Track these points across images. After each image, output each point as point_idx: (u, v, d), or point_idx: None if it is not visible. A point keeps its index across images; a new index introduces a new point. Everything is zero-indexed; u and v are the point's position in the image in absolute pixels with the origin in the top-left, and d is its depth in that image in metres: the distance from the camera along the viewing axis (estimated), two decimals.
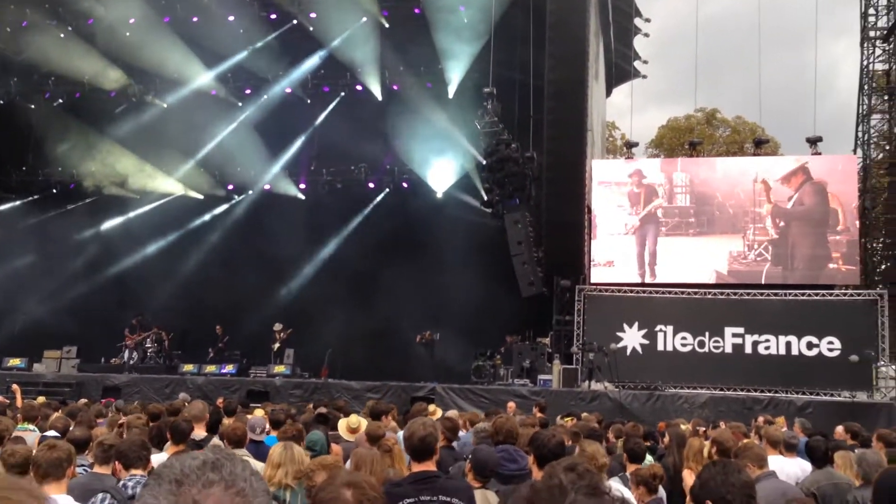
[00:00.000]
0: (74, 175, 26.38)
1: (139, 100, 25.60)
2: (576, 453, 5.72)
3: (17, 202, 26.89)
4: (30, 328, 23.46)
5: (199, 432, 7.63)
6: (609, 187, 20.58)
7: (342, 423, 8.14)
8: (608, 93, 28.17)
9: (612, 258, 20.38)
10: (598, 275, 20.43)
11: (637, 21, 25.18)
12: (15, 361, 20.82)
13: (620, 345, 19.37)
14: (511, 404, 14.15)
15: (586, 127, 19.56)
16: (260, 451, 6.76)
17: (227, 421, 7.88)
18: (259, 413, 9.31)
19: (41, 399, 12.91)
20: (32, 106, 26.33)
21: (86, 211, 26.42)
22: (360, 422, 7.70)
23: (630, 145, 22.42)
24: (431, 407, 10.88)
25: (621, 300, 20.05)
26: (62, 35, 24.55)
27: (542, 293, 19.81)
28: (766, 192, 19.96)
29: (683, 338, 19.53)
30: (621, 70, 26.91)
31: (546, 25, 19.08)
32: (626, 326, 19.64)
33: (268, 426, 7.81)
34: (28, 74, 25.79)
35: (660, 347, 19.55)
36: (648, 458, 7.78)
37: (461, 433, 7.94)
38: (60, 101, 26.19)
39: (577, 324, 19.71)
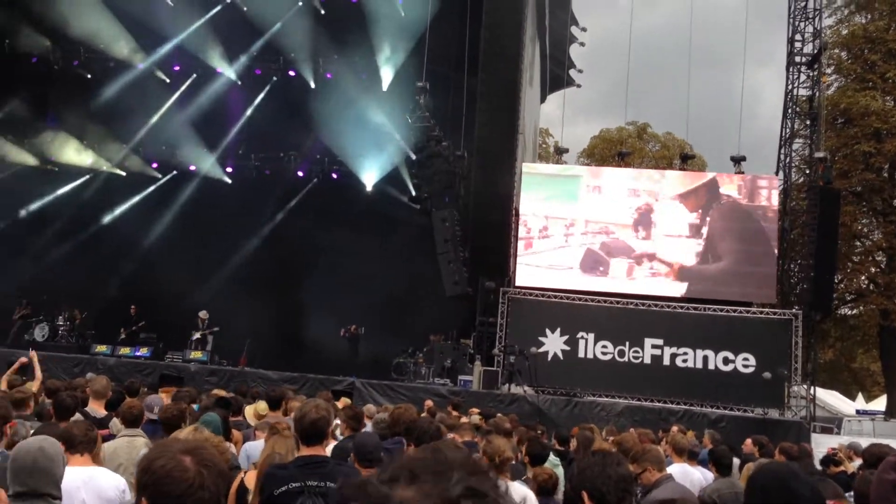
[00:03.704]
0: None
1: (62, 68, 24.74)
2: (481, 446, 5.67)
3: None
4: None
5: (100, 410, 7.36)
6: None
7: (249, 409, 7.94)
8: (542, 99, 28.38)
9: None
10: (529, 275, 20.46)
11: (573, 30, 25.41)
12: None
13: (542, 349, 19.45)
14: (428, 402, 14.07)
15: (518, 129, 19.63)
16: (157, 432, 6.53)
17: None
18: (163, 395, 8.99)
19: None
20: None
21: (4, 183, 25.39)
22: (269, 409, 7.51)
23: (561, 151, 22.59)
24: (344, 400, 10.73)
25: (545, 305, 20.14)
26: None
27: (467, 293, 19.79)
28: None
29: (604, 346, 19.70)
30: (556, 77, 27.13)
31: (482, 25, 19.07)
32: (548, 331, 19.73)
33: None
34: None
35: (580, 354, 19.69)
36: (553, 460, 7.79)
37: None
38: None
39: (500, 326, 19.74)
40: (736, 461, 7.85)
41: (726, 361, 19.23)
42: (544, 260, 20.56)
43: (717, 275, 20.26)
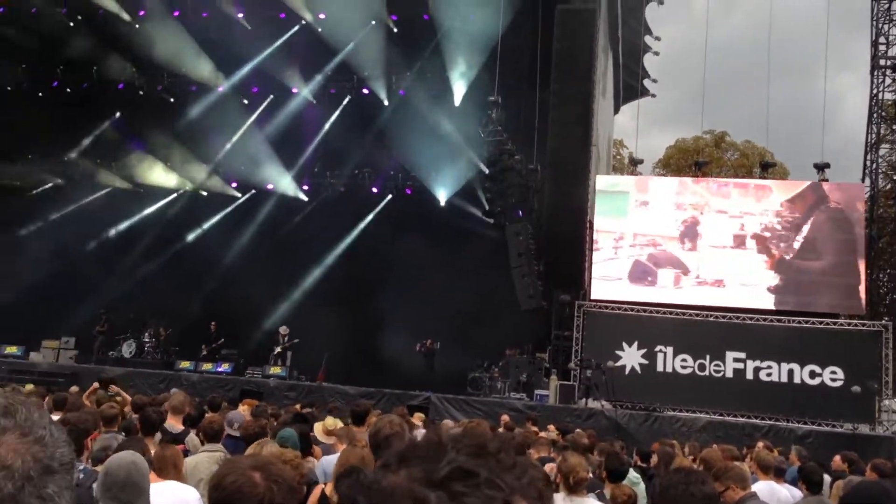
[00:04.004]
0: (80, 166, 26.55)
1: (147, 93, 25.69)
2: (557, 463, 5.59)
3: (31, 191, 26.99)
4: (31, 317, 23.46)
5: (177, 425, 7.49)
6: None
7: (318, 426, 8.01)
8: (616, 110, 28.06)
9: (620, 274, 20.23)
10: (603, 288, 20.23)
11: (647, 39, 25.07)
12: (12, 349, 20.77)
13: (619, 363, 19.14)
14: (504, 417, 13.94)
15: (591, 141, 19.43)
16: (238, 447, 6.62)
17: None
18: (242, 409, 9.17)
19: (29, 387, 12.80)
20: (41, 94, 26.38)
21: (94, 205, 26.46)
22: (337, 424, 7.55)
23: (635, 162, 22.29)
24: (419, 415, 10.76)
25: (621, 318, 19.85)
26: (71, 24, 24.74)
27: (542, 307, 19.64)
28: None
29: (683, 360, 19.29)
30: (629, 87, 26.79)
31: (554, 37, 18.98)
32: (625, 345, 19.42)
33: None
34: (37, 63, 26.01)
35: (659, 368, 19.32)
36: (633, 476, 7.64)
37: None
38: (68, 90, 26.19)
39: (576, 340, 19.52)
40: (826, 478, 7.58)
41: (813, 375, 18.60)
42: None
43: (804, 286, 19.65)
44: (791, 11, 37.34)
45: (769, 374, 18.82)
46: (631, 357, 19.36)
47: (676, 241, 20.22)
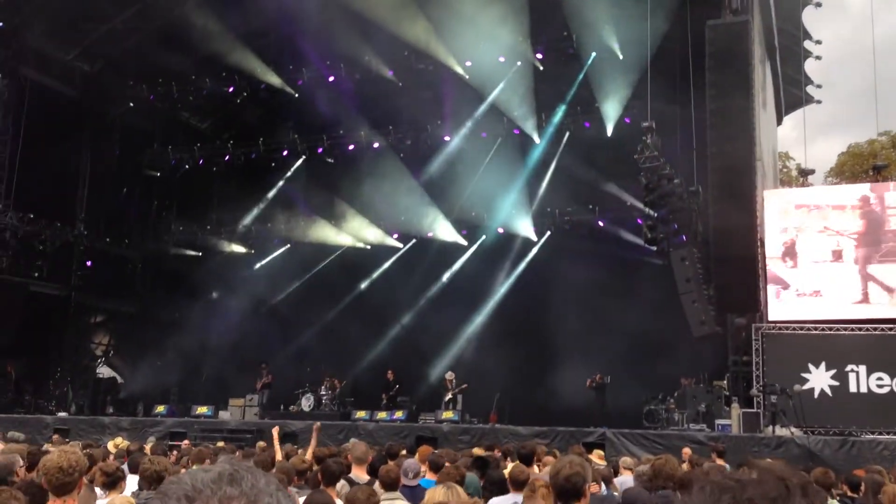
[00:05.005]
0: (254, 232, 28.27)
1: (309, 157, 27.08)
2: None
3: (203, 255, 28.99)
4: (217, 378, 25.02)
5: (361, 475, 7.55)
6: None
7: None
8: (779, 121, 26.74)
9: (817, 287, 19.11)
10: (798, 307, 19.18)
11: (806, 44, 23.81)
12: (203, 409, 22.08)
13: (806, 386, 17.92)
14: (686, 450, 13.38)
15: (755, 157, 18.55)
16: (415, 495, 6.66)
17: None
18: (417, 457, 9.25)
19: (220, 444, 13.54)
20: (214, 169, 28.36)
21: (268, 268, 28.01)
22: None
23: (805, 173, 21.16)
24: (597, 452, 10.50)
25: (805, 338, 18.65)
26: (238, 101, 26.55)
27: (716, 333, 18.80)
28: None
29: (879, 378, 17.85)
30: (791, 96, 25.48)
31: (706, 55, 18.39)
32: (811, 367, 18.20)
33: (424, 469, 7.71)
34: (210, 140, 28.09)
35: (852, 389, 17.95)
36: None
37: (623, 477, 7.54)
38: (240, 161, 27.98)
39: (757, 364, 18.49)
40: None
41: None
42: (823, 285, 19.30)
43: None
44: None
45: None
46: (819, 379, 18.12)
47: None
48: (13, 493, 3.82)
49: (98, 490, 6.15)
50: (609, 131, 22.59)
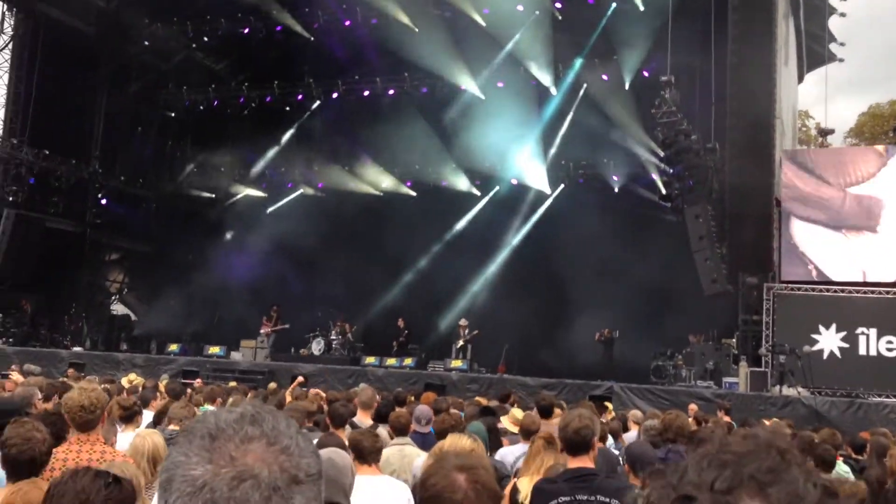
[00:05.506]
0: (266, 175, 28.28)
1: (323, 102, 26.95)
2: None
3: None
4: (229, 319, 25.30)
5: (366, 420, 7.67)
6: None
7: (506, 417, 8.05)
8: (800, 79, 26.32)
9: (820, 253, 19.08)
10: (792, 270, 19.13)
11: (831, 0, 23.31)
12: (215, 349, 22.37)
13: (815, 347, 17.98)
14: (693, 406, 13.49)
15: (774, 114, 18.30)
16: (426, 442, 6.75)
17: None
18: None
19: (232, 384, 13.74)
20: (228, 111, 28.24)
21: (283, 211, 28.03)
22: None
23: (824, 133, 20.91)
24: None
25: (816, 299, 18.66)
26: (253, 43, 26.35)
27: (727, 291, 18.80)
28: None
29: (889, 342, 17.89)
30: (814, 54, 25.01)
31: (729, 8, 18.03)
32: (821, 328, 18.23)
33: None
34: (224, 82, 27.98)
35: (861, 352, 18.00)
36: (842, 468, 7.17)
37: (629, 433, 7.62)
38: (253, 105, 27.80)
39: (766, 324, 18.53)
40: None
41: None
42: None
43: None
44: None
45: None
46: (829, 341, 18.15)
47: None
48: (35, 424, 3.90)
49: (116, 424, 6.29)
50: (627, 84, 22.29)
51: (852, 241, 18.99)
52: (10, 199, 23.59)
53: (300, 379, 10.22)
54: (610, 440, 7.79)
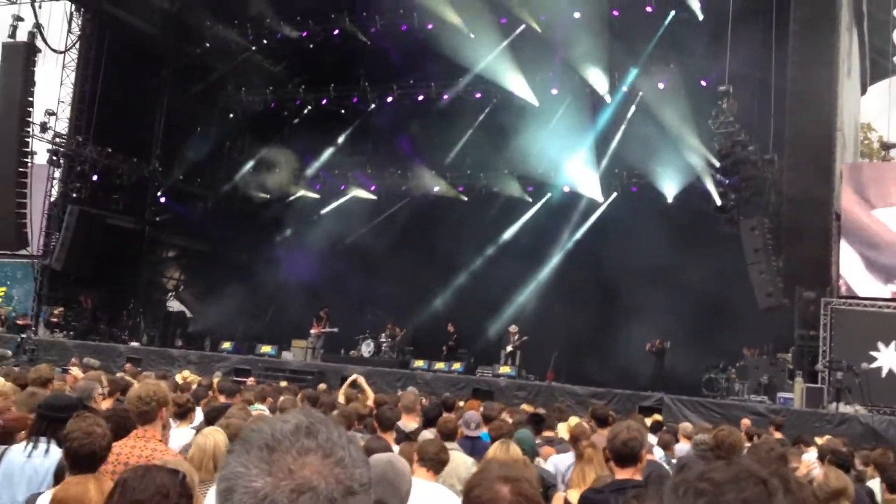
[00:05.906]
0: (321, 177, 28.61)
1: (378, 106, 27.18)
2: (819, 480, 5.17)
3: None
4: (281, 319, 25.64)
5: (411, 423, 7.69)
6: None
7: (563, 426, 8.04)
8: (863, 91, 25.73)
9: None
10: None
11: None
12: (266, 349, 22.70)
13: (874, 365, 17.55)
14: (745, 421, 13.27)
15: (835, 126, 17.91)
16: (476, 447, 6.76)
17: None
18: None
19: (284, 383, 13.92)
20: (286, 112, 28.68)
21: (336, 214, 28.33)
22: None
23: (888, 146, 20.38)
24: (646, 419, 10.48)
25: (876, 316, 18.22)
26: (311, 46, 26.69)
27: (783, 305, 18.44)
28: None
29: None
30: (877, 66, 24.43)
31: (790, 19, 17.71)
32: (880, 345, 17.79)
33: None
34: (281, 85, 28.39)
35: None
36: None
37: (680, 445, 7.54)
38: (309, 107, 28.21)
39: (823, 340, 18.14)
40: None
41: None
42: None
43: None
44: None
45: None
46: (888, 358, 17.71)
47: None
48: (96, 419, 4.01)
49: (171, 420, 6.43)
50: (683, 93, 22.02)
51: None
52: (74, 195, 24.31)
53: (354, 377, 10.24)
54: (660, 452, 7.72)
